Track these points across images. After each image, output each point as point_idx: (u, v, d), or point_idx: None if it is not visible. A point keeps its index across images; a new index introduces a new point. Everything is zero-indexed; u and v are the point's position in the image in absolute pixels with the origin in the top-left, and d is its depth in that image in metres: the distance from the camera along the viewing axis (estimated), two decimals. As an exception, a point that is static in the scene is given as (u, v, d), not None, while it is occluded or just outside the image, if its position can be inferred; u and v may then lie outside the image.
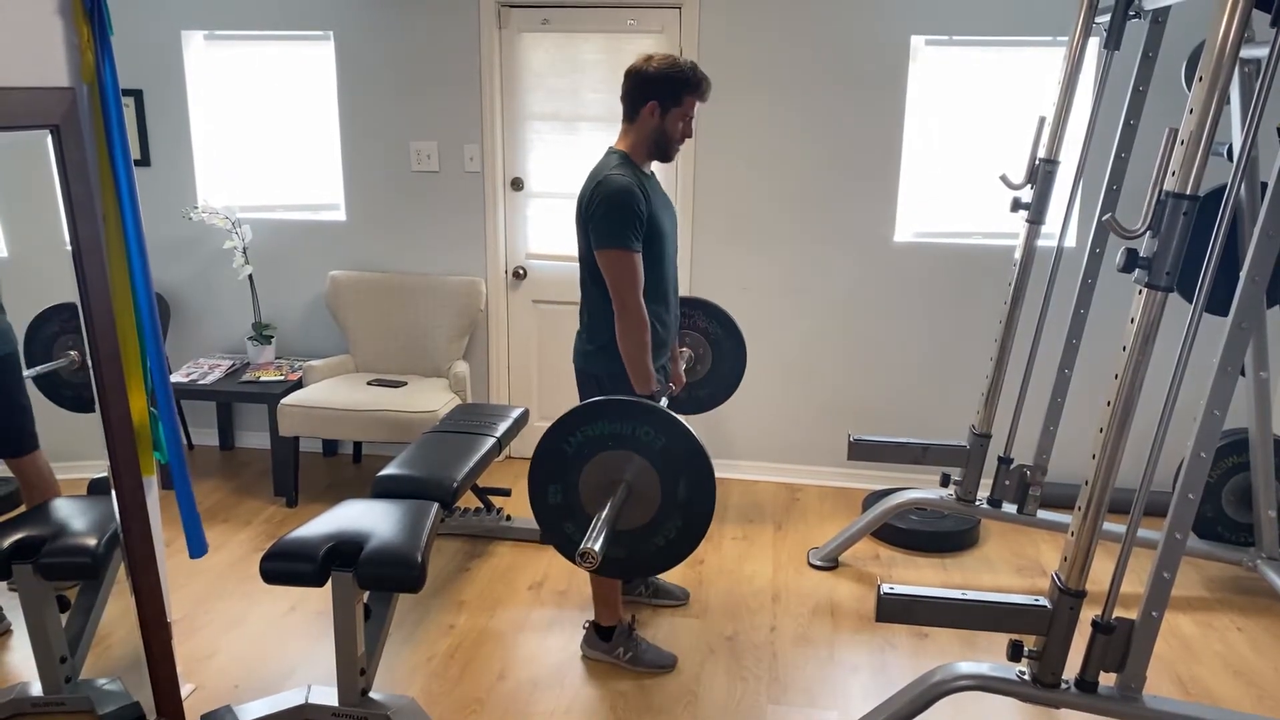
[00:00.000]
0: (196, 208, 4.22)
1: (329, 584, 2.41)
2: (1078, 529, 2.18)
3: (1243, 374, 3.04)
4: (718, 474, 3.64)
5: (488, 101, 4.13)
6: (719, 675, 2.85)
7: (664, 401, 2.83)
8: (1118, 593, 2.18)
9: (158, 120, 4.34)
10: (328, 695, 2.55)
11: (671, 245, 2.77)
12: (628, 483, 2.20)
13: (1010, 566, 3.57)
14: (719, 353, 3.44)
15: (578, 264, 2.78)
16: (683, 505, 2.19)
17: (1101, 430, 2.14)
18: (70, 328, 2.26)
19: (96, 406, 2.25)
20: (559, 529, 2.27)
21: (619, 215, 2.54)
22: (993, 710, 2.67)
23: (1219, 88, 1.91)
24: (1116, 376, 2.10)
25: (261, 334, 4.32)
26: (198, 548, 2.51)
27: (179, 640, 2.93)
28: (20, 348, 2.40)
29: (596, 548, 2.01)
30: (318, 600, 3.21)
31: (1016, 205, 3.24)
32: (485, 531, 3.75)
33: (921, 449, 3.44)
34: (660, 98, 2.61)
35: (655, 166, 2.77)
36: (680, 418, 2.18)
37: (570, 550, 2.27)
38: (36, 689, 2.53)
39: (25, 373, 2.42)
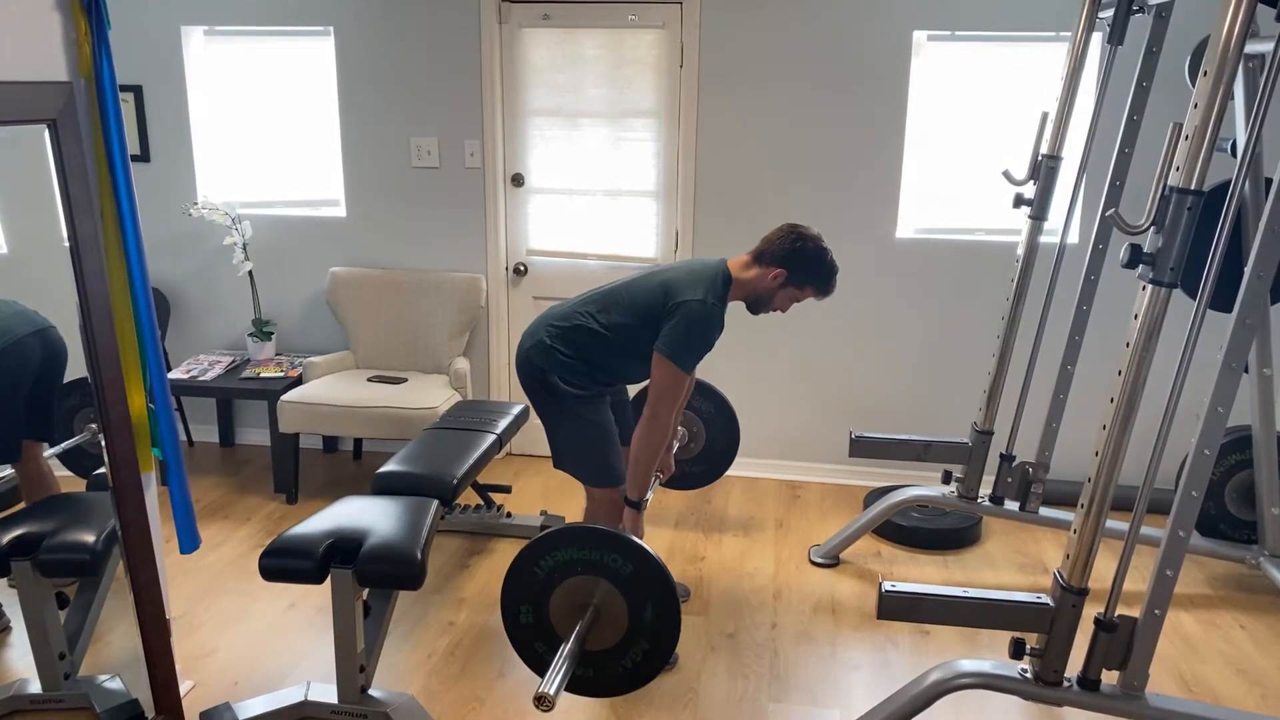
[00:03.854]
0: (196, 204, 4.21)
1: (328, 581, 2.40)
2: (1080, 526, 2.17)
3: (1246, 371, 3.04)
4: (719, 471, 3.54)
5: (488, 97, 4.12)
6: (720, 673, 2.84)
7: (655, 482, 2.92)
8: (1120, 590, 2.17)
9: (158, 116, 4.33)
10: (327, 693, 2.55)
11: None
12: (596, 606, 2.26)
13: (1012, 564, 3.56)
14: (712, 431, 3.55)
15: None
16: (649, 629, 2.24)
17: (1104, 427, 2.13)
18: (90, 401, 2.25)
19: (95, 404, 2.24)
20: (530, 648, 2.33)
21: (695, 341, 2.63)
22: (995, 708, 2.67)
23: (1223, 83, 1.89)
24: (1120, 373, 2.09)
25: (262, 330, 4.31)
26: (189, 543, 2.51)
27: (178, 637, 2.93)
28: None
29: (551, 691, 2.04)
30: (317, 597, 3.21)
31: (1019, 201, 3.23)
32: (485, 528, 3.74)
33: (923, 446, 3.43)
34: (792, 272, 2.71)
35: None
36: (647, 546, 2.23)
37: (541, 668, 2.33)
38: (35, 686, 2.53)
39: (47, 451, 2.44)
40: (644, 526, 2.90)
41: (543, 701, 2.03)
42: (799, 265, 2.70)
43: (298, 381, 4.11)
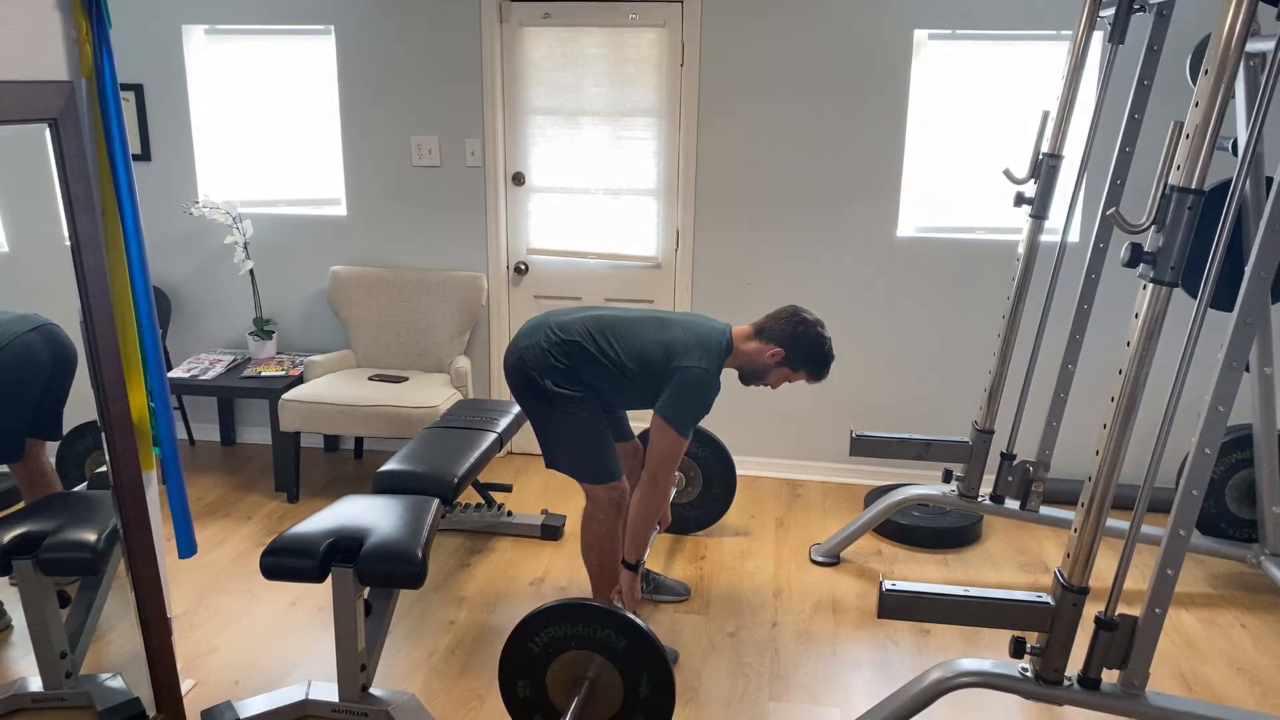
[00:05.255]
0: (197, 203, 4.21)
1: (329, 580, 2.40)
2: (1081, 525, 2.17)
3: (1247, 369, 3.04)
4: (719, 470, 3.53)
5: (489, 96, 4.12)
6: (720, 671, 2.85)
7: (654, 535, 2.95)
8: (1121, 589, 2.17)
9: (158, 115, 4.33)
10: (328, 691, 2.55)
11: None
12: (591, 681, 2.28)
13: (1013, 563, 3.56)
14: (709, 475, 3.62)
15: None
16: (645, 702, 2.26)
17: (1105, 426, 2.13)
18: (101, 443, 2.26)
19: (95, 402, 2.24)
20: None
21: (693, 406, 2.69)
22: (995, 707, 2.67)
23: (1224, 82, 1.89)
24: (1120, 372, 2.09)
25: (263, 329, 4.31)
26: (187, 548, 2.51)
27: (179, 636, 2.93)
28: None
29: None
30: (318, 596, 3.21)
31: (1020, 200, 3.23)
32: (486, 527, 3.74)
33: (924, 445, 3.43)
34: (789, 352, 2.77)
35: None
36: (640, 620, 2.25)
37: None
38: (36, 685, 2.52)
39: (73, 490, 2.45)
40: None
41: None
42: (797, 349, 2.76)
43: (299, 380, 4.11)
